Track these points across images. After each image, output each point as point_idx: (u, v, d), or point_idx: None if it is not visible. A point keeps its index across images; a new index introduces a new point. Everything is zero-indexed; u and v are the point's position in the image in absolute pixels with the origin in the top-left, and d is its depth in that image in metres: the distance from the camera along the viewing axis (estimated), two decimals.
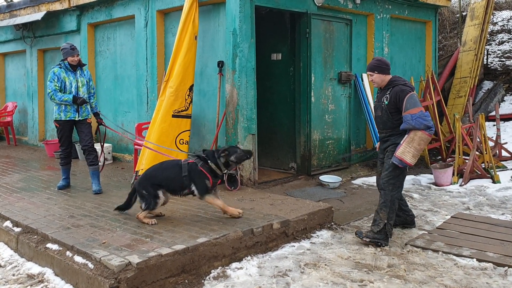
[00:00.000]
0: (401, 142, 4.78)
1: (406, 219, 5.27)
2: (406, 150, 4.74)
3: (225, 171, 4.91)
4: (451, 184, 7.21)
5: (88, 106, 6.39)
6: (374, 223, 4.87)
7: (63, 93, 6.16)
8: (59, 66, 6.25)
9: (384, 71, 5.00)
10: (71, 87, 6.20)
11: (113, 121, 8.80)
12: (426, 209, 5.98)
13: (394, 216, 4.95)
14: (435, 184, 7.26)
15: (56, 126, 6.36)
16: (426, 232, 5.06)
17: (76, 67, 6.27)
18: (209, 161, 4.78)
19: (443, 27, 13.66)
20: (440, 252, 4.48)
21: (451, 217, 5.56)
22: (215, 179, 4.81)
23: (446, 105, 9.79)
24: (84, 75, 6.36)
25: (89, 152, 6.30)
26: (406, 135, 4.79)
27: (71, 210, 5.34)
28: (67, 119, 6.23)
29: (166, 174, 4.81)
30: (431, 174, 7.56)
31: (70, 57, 6.20)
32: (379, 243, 4.75)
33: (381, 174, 4.99)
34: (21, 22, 9.92)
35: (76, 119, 6.26)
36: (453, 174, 7.33)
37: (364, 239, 4.80)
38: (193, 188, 4.77)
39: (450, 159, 8.47)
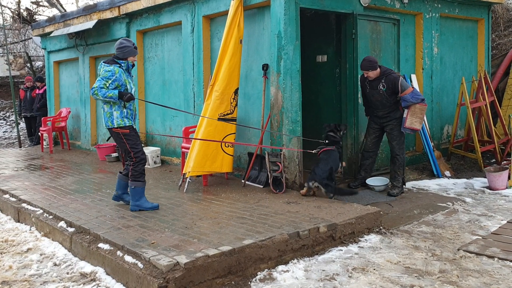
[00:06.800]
0: (405, 116, 6.27)
1: (366, 177, 6.87)
2: (413, 121, 6.23)
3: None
4: (506, 188, 6.90)
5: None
6: (395, 180, 6.53)
7: None
8: (119, 65, 5.36)
9: (376, 67, 6.34)
10: (131, 90, 5.42)
11: (161, 126, 9.03)
12: (480, 213, 5.74)
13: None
14: (489, 188, 6.97)
15: (125, 133, 5.34)
16: (480, 237, 4.86)
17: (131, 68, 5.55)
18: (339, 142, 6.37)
19: (497, 25, 13.11)
20: (496, 258, 4.28)
21: (507, 222, 5.31)
22: None
23: (500, 106, 9.38)
24: (132, 76, 5.66)
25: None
26: (406, 110, 6.27)
27: (121, 212, 5.49)
28: (130, 124, 5.44)
29: (337, 162, 6.14)
30: (485, 177, 7.25)
31: (132, 57, 5.44)
32: (403, 192, 6.53)
33: (371, 140, 6.71)
34: (74, 31, 10.31)
35: (134, 127, 5.49)
36: (509, 178, 7.00)
37: (396, 196, 6.36)
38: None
39: (505, 162, 8.10)
